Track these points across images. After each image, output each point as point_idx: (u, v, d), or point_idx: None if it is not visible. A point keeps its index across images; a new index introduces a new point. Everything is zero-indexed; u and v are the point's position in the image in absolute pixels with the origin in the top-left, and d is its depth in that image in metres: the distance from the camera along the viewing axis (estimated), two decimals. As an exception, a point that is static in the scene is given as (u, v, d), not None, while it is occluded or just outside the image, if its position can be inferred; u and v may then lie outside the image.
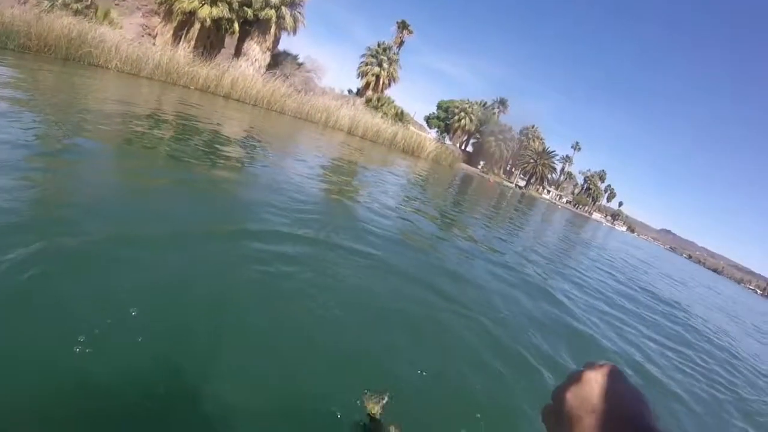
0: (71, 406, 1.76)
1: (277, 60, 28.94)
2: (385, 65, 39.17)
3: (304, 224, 4.98)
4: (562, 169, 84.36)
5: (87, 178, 4.23)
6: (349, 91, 42.31)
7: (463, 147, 59.08)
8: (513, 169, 68.04)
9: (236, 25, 24.32)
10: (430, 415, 2.47)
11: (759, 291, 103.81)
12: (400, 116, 36.93)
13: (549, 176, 69.73)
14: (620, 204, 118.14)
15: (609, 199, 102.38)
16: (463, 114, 56.44)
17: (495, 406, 2.83)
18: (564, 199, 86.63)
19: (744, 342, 9.75)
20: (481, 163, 58.68)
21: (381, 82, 39.36)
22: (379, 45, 39.81)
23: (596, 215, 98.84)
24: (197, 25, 22.58)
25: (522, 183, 67.57)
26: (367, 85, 39.39)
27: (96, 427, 1.74)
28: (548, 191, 79.13)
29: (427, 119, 61.07)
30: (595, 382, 0.52)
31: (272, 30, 26.06)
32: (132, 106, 9.07)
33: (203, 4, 22.22)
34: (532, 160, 64.70)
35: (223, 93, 19.29)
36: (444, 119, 58.75)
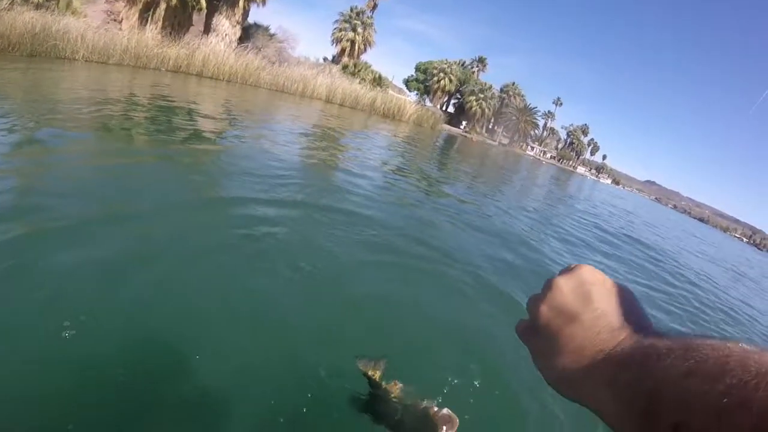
0: (61, 389, 1.78)
1: (248, 33, 28.06)
2: (360, 30, 38.32)
3: (284, 189, 5.02)
4: (545, 125, 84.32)
5: (65, 164, 4.18)
6: (325, 59, 41.37)
7: (444, 108, 58.52)
8: (495, 128, 67.78)
9: (203, 1, 23.44)
10: (425, 368, 2.51)
11: (745, 239, 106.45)
12: (378, 81, 36.33)
13: (532, 133, 69.79)
14: (604, 157, 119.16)
15: (593, 153, 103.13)
16: (442, 75, 55.62)
17: (489, 354, 2.88)
18: (548, 155, 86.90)
19: (729, 285, 10.08)
20: (464, 123, 58.38)
21: (356, 48, 38.58)
22: (351, 9, 38.84)
23: (581, 169, 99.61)
24: (163, 5, 21.71)
25: (505, 141, 67.55)
26: (343, 51, 38.61)
27: (88, 404, 1.77)
28: (532, 148, 79.25)
29: (406, 82, 60.22)
30: (567, 287, 0.48)
31: (241, 2, 25.15)
32: (104, 93, 8.82)
33: (167, -17, 21.37)
34: (514, 118, 64.47)
35: (196, 71, 18.78)
36: (423, 81, 57.94)
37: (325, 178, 6.41)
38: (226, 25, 25.33)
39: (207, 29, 25.77)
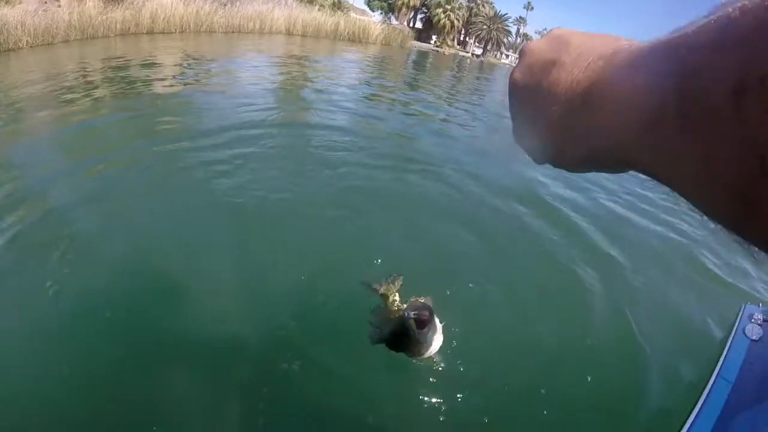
0: (53, 354, 1.86)
1: (193, -24, 26.18)
2: (310, -48, 35.86)
3: (253, 115, 5.12)
4: (518, 32, 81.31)
5: (25, 139, 4.21)
6: (279, -9, 39.04)
7: (411, 24, 56.19)
8: (467, 39, 65.55)
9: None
10: (427, 284, 2.34)
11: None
12: (338, 5, 34.78)
13: (505, 40, 67.50)
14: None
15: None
16: (404, -11, 52.87)
17: (489, 261, 2.88)
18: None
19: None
20: (434, 37, 56.26)
21: (309, -27, 36.32)
22: (298, -70, 36.07)
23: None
24: (98, -31, 20.04)
25: (478, 51, 65.52)
26: (296, -21, 36.38)
27: (82, 350, 1.86)
28: (507, 56, 77.02)
29: (368, 2, 57.29)
30: (541, 44, 0.41)
31: (179, -56, 23.23)
32: (56, 70, 8.49)
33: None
34: (485, 27, 62.08)
35: (146, 29, 17.83)
36: (385, -1, 55.19)
37: (297, 104, 6.52)
38: (168, -27, 23.54)
39: (149, -18, 23.97)
